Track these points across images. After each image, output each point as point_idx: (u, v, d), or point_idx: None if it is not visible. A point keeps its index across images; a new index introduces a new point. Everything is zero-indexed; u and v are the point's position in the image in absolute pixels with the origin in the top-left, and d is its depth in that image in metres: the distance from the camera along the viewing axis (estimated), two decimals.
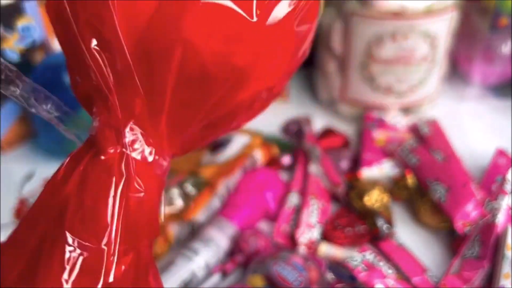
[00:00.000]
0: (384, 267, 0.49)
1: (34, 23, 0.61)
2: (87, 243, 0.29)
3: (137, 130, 0.31)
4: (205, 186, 0.53)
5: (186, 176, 0.53)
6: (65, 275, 0.28)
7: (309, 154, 0.60)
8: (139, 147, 0.31)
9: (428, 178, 0.55)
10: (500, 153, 0.59)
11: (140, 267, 0.31)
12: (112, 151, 0.30)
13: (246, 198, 0.54)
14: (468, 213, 0.51)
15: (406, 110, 0.69)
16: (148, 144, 0.31)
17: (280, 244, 0.51)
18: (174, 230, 0.51)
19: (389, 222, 0.53)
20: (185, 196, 0.51)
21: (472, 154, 0.60)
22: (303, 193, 0.56)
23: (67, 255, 0.28)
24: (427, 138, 0.61)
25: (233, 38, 0.31)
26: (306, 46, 0.38)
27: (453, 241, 0.52)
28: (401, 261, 0.50)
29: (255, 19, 0.31)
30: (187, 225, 0.52)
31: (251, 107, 0.35)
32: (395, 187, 0.57)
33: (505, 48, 0.69)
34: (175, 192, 0.51)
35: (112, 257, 0.29)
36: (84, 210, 0.29)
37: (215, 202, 0.54)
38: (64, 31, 0.31)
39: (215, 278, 0.48)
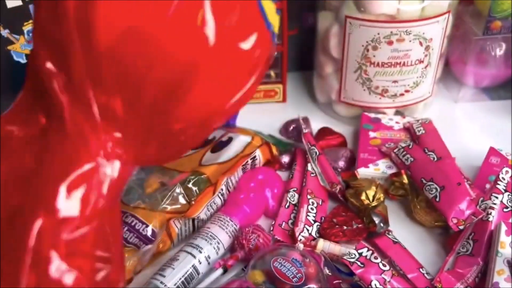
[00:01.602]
0: (380, 263, 0.49)
1: None
2: None
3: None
4: (207, 184, 0.53)
5: (188, 175, 0.53)
6: None
7: (307, 153, 0.61)
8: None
9: (423, 178, 0.55)
10: (493, 152, 0.59)
11: None
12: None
13: (246, 196, 0.55)
14: (462, 212, 0.51)
15: (402, 111, 0.69)
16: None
17: (280, 241, 0.52)
18: (177, 227, 0.52)
19: (385, 220, 0.53)
20: (188, 195, 0.52)
21: (466, 154, 0.60)
22: (302, 192, 0.57)
23: None
24: (422, 139, 0.62)
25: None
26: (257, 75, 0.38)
27: (447, 238, 0.53)
28: (397, 258, 0.50)
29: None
30: (190, 222, 0.53)
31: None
32: (391, 186, 0.57)
33: (498, 51, 0.69)
34: (178, 190, 0.51)
35: None
36: None
37: (217, 200, 0.54)
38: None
39: (217, 273, 0.48)
